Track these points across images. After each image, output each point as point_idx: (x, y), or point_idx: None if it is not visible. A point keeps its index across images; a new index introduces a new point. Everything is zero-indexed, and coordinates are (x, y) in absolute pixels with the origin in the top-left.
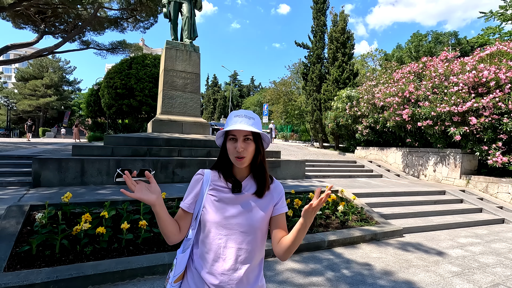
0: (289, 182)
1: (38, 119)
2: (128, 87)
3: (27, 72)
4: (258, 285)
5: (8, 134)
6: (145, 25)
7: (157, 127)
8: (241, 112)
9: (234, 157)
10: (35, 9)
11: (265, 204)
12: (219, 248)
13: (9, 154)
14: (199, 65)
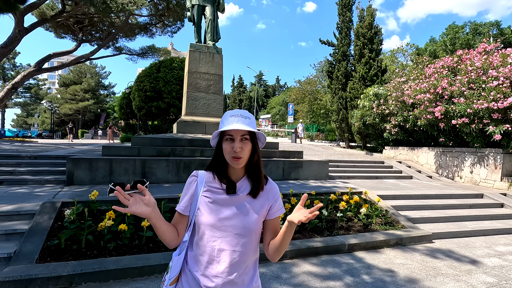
0: (311, 182)
1: (78, 121)
2: (156, 90)
3: (68, 78)
4: (253, 286)
5: (52, 135)
6: (172, 29)
7: (182, 128)
8: (237, 111)
9: (231, 157)
10: (74, 19)
11: (259, 205)
12: (213, 251)
13: (48, 154)
14: (221, 66)
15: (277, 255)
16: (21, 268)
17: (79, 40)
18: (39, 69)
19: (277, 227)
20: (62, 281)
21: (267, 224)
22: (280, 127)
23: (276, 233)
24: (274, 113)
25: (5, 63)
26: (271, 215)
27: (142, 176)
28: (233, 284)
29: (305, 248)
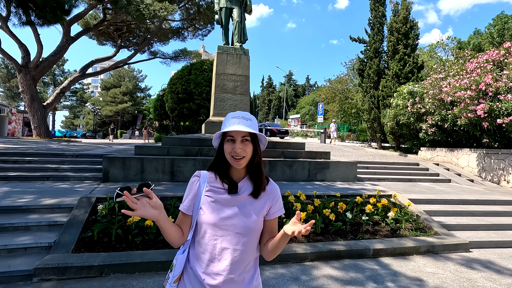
0: (338, 184)
1: (117, 122)
2: (188, 92)
3: (108, 82)
4: (253, 284)
5: (94, 136)
6: (203, 32)
7: (209, 128)
8: (238, 113)
9: (232, 157)
10: (114, 27)
11: (260, 206)
12: (214, 249)
13: (88, 153)
14: (248, 67)
15: (271, 256)
16: (59, 256)
17: (118, 46)
18: (83, 74)
19: (275, 227)
20: (94, 270)
21: (266, 224)
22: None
23: (273, 233)
24: (303, 113)
25: (55, 70)
26: (270, 215)
27: (171, 175)
28: (234, 282)
29: (326, 251)
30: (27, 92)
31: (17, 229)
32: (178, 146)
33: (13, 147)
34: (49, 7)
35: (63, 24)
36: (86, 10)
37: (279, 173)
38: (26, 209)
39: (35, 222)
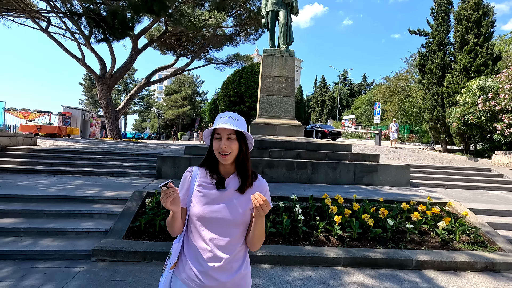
0: (387, 189)
1: (178, 125)
2: (239, 95)
3: (171, 88)
4: (241, 272)
5: (158, 137)
6: (254, 36)
7: (254, 130)
8: (226, 114)
9: (218, 153)
10: (174, 38)
11: (247, 200)
12: (203, 239)
13: (147, 152)
14: (294, 68)
15: (252, 244)
16: (112, 241)
17: (177, 55)
18: (148, 82)
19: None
20: (138, 256)
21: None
22: (365, 128)
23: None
24: (359, 113)
25: (127, 79)
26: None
27: None
28: (222, 270)
29: (361, 258)
30: (104, 99)
31: (84, 216)
32: None
33: (89, 146)
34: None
35: (131, 38)
36: (150, 24)
37: (321, 175)
38: (92, 200)
39: (97, 211)
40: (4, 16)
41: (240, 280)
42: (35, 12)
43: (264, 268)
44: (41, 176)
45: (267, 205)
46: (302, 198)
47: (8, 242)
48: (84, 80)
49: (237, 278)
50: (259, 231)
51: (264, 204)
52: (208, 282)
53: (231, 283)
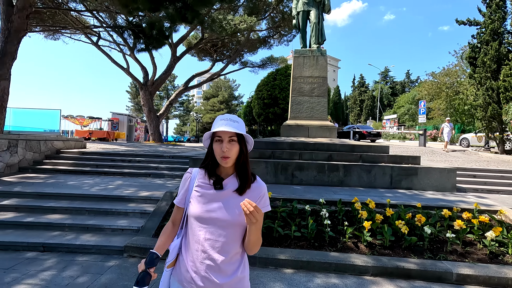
0: (428, 194)
1: None
2: (273, 97)
3: (208, 92)
4: (237, 275)
5: (196, 140)
6: (288, 38)
7: (286, 132)
8: (226, 116)
9: (220, 157)
10: (210, 44)
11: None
12: (199, 239)
13: (182, 155)
14: (326, 68)
15: (249, 249)
16: (142, 239)
17: (213, 60)
18: (186, 87)
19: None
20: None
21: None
22: (408, 128)
23: None
24: (402, 113)
25: (168, 85)
26: None
27: None
28: (217, 271)
29: (392, 267)
30: (146, 105)
31: (120, 214)
32: (253, 149)
33: (131, 149)
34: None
35: (170, 46)
36: (188, 32)
37: (354, 178)
38: (128, 199)
39: (132, 210)
40: (63, 34)
41: (237, 283)
42: (87, 28)
43: (287, 272)
44: (87, 176)
45: (258, 211)
46: (330, 201)
47: (55, 235)
48: (130, 88)
49: (233, 282)
50: (254, 237)
51: (254, 210)
52: (204, 284)
53: (228, 285)
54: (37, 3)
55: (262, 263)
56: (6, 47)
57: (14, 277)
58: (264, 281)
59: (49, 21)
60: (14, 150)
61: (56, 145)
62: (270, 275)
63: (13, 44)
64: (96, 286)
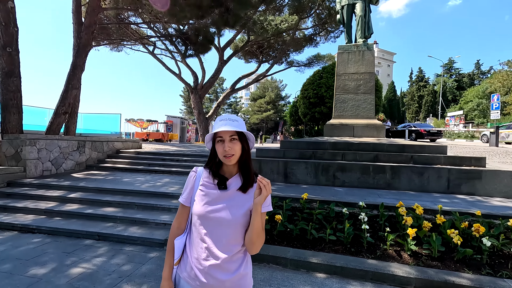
0: (494, 201)
1: (262, 129)
2: (319, 96)
3: (256, 93)
4: (240, 273)
5: None
6: (335, 34)
7: (329, 131)
8: (225, 116)
9: (223, 156)
10: (257, 45)
11: (248, 199)
12: (203, 238)
13: None
14: (373, 63)
15: (251, 244)
16: None
17: (259, 62)
18: (233, 89)
19: (263, 221)
20: None
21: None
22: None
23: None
24: (469, 108)
25: (217, 88)
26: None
27: (284, 176)
28: (220, 268)
29: (440, 281)
30: (196, 108)
31: (164, 209)
32: (293, 149)
33: (181, 149)
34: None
35: (218, 50)
36: (234, 35)
37: (404, 181)
38: (171, 196)
39: (174, 206)
40: (125, 46)
41: (239, 280)
42: (144, 38)
43: (318, 277)
44: (140, 174)
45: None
46: (372, 205)
47: (108, 226)
48: (183, 92)
49: (236, 278)
50: (257, 227)
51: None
52: (207, 281)
53: (230, 282)
54: (103, 20)
55: (294, 265)
56: (76, 61)
57: (73, 261)
58: (294, 284)
59: (114, 35)
60: (82, 150)
61: (116, 146)
62: (301, 278)
63: (81, 57)
64: (137, 274)
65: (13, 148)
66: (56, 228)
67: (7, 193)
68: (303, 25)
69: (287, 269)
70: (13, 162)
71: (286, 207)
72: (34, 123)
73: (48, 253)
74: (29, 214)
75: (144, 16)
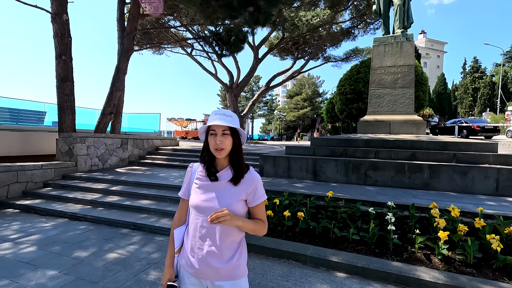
0: None
1: (298, 126)
2: (356, 92)
3: (292, 91)
4: (233, 262)
5: (280, 138)
6: (375, 26)
7: (363, 128)
8: (220, 111)
9: (214, 149)
10: (292, 42)
11: (238, 191)
12: (197, 227)
13: (255, 152)
14: (412, 55)
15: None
16: None
17: (295, 58)
18: (268, 87)
19: (260, 212)
20: None
21: (251, 210)
22: None
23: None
24: None
25: (253, 87)
26: (251, 202)
27: (313, 174)
28: (214, 256)
29: None
30: (231, 106)
31: None
32: (324, 147)
33: None
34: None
35: (252, 49)
36: (269, 33)
37: (444, 181)
38: None
39: None
40: (165, 49)
41: (233, 269)
42: (182, 40)
43: (338, 276)
44: (175, 170)
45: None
46: (403, 206)
47: (142, 217)
48: (221, 91)
49: (229, 267)
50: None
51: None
52: (202, 268)
53: (225, 270)
54: (146, 25)
55: (313, 262)
56: (119, 65)
57: (110, 247)
58: (311, 281)
59: (155, 39)
60: (125, 147)
61: (155, 143)
62: (319, 276)
63: (124, 61)
64: (164, 262)
65: (67, 145)
66: (99, 217)
67: (61, 185)
68: (340, 18)
69: (306, 266)
70: (67, 157)
71: (310, 204)
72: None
73: (90, 239)
74: (77, 204)
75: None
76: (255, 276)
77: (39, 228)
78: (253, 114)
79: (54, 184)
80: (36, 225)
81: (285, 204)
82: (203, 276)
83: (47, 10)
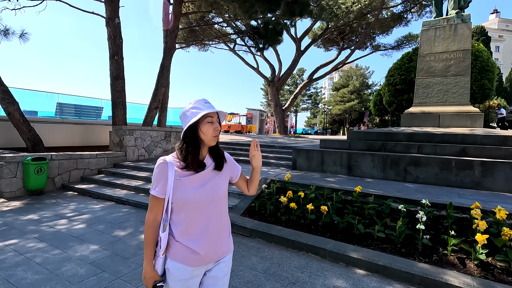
0: None
1: (345, 120)
2: (407, 82)
3: (338, 83)
4: (230, 237)
5: (323, 133)
6: (431, 8)
7: (407, 121)
8: (205, 100)
9: (213, 136)
10: (337, 32)
11: (224, 175)
12: (195, 218)
13: (292, 145)
14: (469, 38)
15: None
16: (232, 215)
17: (340, 49)
18: (310, 80)
19: (244, 177)
20: (246, 231)
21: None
22: None
23: (246, 180)
24: None
25: (297, 80)
26: (235, 178)
27: (347, 169)
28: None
29: None
30: (273, 100)
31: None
32: (361, 141)
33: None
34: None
35: (294, 41)
36: (312, 24)
37: (499, 180)
38: None
39: (231, 191)
40: (210, 45)
41: (230, 243)
42: (225, 36)
43: (357, 272)
44: None
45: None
46: (441, 205)
47: None
48: (264, 85)
49: (227, 244)
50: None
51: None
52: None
53: (225, 247)
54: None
55: (333, 257)
56: (163, 62)
57: None
58: (327, 275)
59: (200, 36)
60: (169, 139)
61: None
62: (337, 270)
63: (167, 59)
64: None
65: (118, 137)
66: (139, 202)
67: (112, 172)
68: (391, 2)
69: (325, 260)
70: (118, 148)
71: (336, 199)
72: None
73: (129, 221)
74: (123, 189)
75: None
76: (271, 265)
77: (90, 209)
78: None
79: (106, 171)
80: (88, 206)
81: (311, 197)
82: (207, 260)
83: (102, 16)
